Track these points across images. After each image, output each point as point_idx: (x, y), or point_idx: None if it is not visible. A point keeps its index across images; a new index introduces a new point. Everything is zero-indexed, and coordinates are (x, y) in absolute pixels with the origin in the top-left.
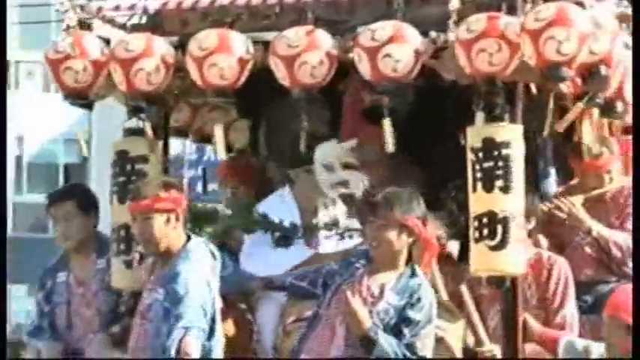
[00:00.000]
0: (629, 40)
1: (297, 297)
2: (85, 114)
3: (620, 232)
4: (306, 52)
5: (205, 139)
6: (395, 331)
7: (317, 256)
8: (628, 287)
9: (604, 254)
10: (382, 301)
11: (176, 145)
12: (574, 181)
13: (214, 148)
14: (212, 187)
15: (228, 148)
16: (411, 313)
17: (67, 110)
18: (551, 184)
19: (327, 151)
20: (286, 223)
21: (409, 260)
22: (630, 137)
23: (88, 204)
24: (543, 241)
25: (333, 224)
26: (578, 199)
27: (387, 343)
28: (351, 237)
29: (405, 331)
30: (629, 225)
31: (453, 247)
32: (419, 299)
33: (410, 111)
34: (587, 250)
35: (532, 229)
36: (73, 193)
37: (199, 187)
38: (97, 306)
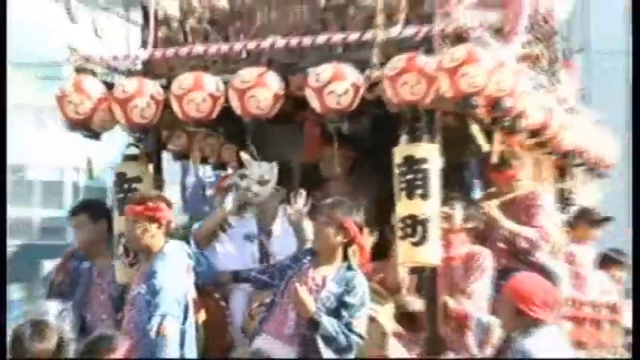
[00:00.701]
0: (535, 76)
1: (260, 287)
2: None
3: (528, 228)
4: (255, 88)
5: (204, 161)
6: (335, 313)
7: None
8: (523, 276)
9: (513, 247)
10: (324, 289)
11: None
12: (491, 189)
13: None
14: None
15: (223, 166)
16: (348, 299)
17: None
18: (476, 193)
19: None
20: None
21: (346, 258)
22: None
23: (98, 215)
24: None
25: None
26: (494, 203)
27: (329, 323)
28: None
29: (344, 313)
30: (535, 222)
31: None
32: (354, 287)
33: (362, 134)
34: (501, 244)
35: (470, 228)
36: (85, 207)
37: None
38: (109, 293)
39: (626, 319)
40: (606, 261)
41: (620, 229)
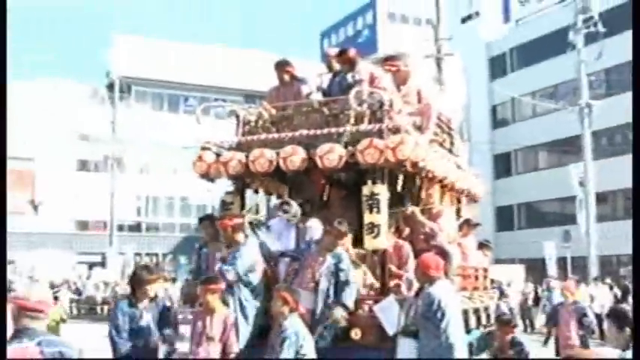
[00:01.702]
0: (439, 149)
1: (293, 260)
2: None
3: (433, 223)
4: (292, 156)
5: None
6: (334, 275)
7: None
8: (426, 254)
9: (426, 236)
10: (325, 264)
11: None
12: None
13: None
14: None
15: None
16: (341, 265)
17: None
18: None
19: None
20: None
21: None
22: None
23: (213, 222)
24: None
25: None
26: (417, 209)
27: (327, 281)
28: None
29: (340, 273)
30: (437, 222)
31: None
32: (343, 259)
33: (347, 180)
34: (421, 235)
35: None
36: (207, 217)
37: None
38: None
39: None
40: (481, 245)
41: (485, 230)
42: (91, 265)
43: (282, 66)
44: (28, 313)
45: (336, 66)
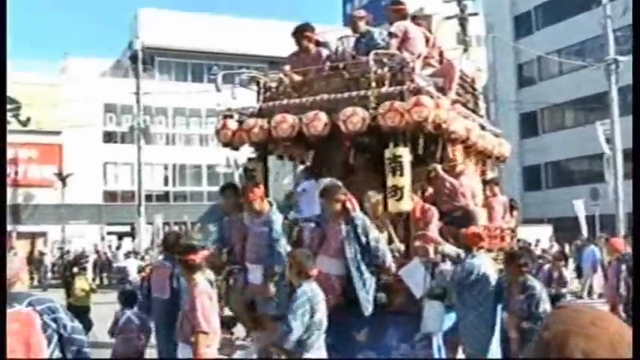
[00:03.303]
0: (462, 110)
1: (317, 225)
2: None
3: (455, 180)
4: (314, 121)
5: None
6: (356, 241)
7: None
8: (473, 228)
9: (451, 195)
10: (342, 232)
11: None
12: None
13: None
14: None
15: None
16: (358, 231)
17: None
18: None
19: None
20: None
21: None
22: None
23: (236, 190)
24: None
25: None
26: (439, 167)
27: (351, 247)
28: None
29: (362, 239)
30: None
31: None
32: (358, 225)
33: (370, 144)
34: (444, 196)
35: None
36: (230, 186)
37: None
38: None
39: None
40: (510, 205)
41: (513, 190)
42: (121, 236)
43: (301, 31)
44: (11, 282)
45: (362, 28)
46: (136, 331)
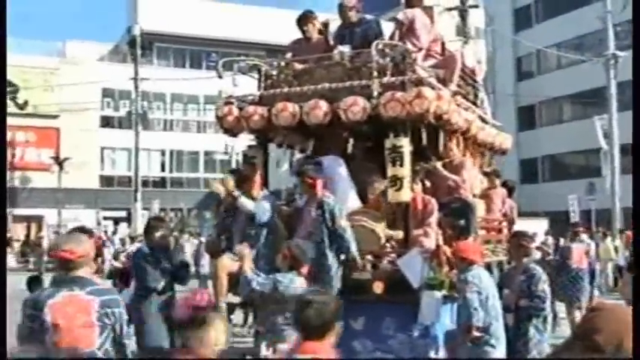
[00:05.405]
0: (463, 102)
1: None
2: None
3: (455, 176)
4: (315, 110)
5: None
6: (324, 225)
7: None
8: (462, 243)
9: (451, 188)
10: (313, 211)
11: None
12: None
13: None
14: None
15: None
16: (326, 216)
17: None
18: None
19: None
20: None
21: None
22: None
23: (238, 177)
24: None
25: None
26: (439, 164)
27: (319, 231)
28: None
29: (329, 224)
30: (460, 175)
31: None
32: (326, 210)
33: (370, 133)
34: (445, 189)
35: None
36: (233, 172)
37: None
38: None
39: None
40: (508, 188)
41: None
42: (117, 221)
43: (305, 19)
44: (61, 263)
45: (353, 17)
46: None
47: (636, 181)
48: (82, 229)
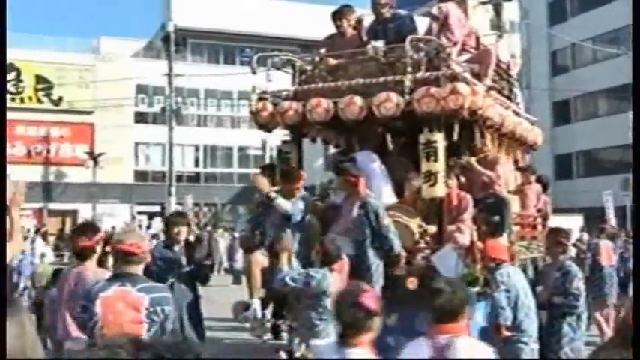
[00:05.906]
0: (498, 97)
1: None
2: None
3: (490, 172)
4: (350, 105)
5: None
6: (367, 225)
7: None
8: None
9: (485, 184)
10: (355, 210)
11: None
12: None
13: None
14: None
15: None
16: (370, 216)
17: None
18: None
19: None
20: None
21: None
22: None
23: (273, 172)
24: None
25: None
26: (473, 160)
27: (361, 231)
28: None
29: (373, 223)
30: (494, 170)
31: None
32: (369, 210)
33: (404, 128)
34: (479, 184)
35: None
36: (266, 168)
37: None
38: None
39: None
40: (543, 183)
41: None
42: (151, 216)
43: (340, 13)
44: (123, 256)
45: (387, 14)
46: None
47: (636, 180)
48: (90, 224)
